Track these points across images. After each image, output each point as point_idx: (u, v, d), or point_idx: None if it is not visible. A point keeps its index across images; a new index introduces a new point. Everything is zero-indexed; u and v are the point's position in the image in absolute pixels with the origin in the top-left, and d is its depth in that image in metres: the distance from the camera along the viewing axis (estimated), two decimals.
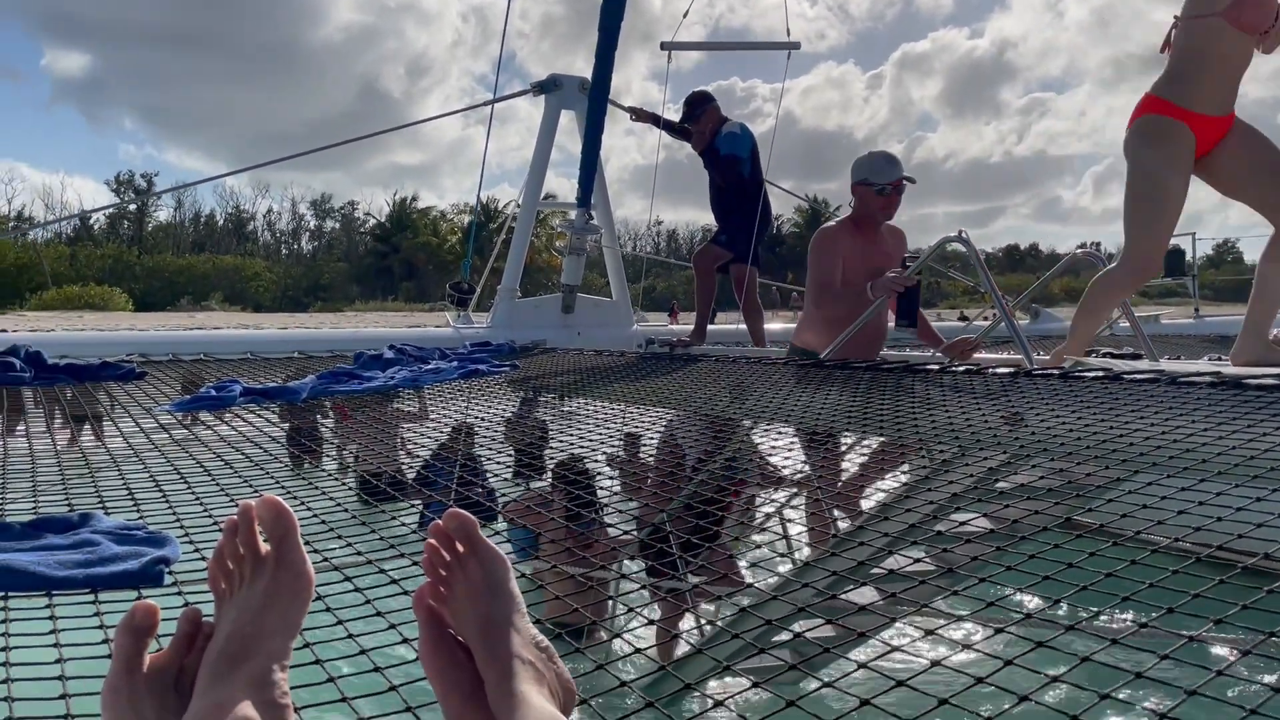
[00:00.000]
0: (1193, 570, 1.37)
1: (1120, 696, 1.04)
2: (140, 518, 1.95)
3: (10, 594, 1.46)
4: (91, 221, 61.47)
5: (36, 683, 1.16)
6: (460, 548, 1.01)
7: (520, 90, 8.00)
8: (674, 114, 7.07)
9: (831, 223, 4.80)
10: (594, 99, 6.72)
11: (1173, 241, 11.72)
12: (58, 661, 1.22)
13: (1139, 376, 3.02)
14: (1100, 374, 3.19)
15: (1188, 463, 1.90)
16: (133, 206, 62.39)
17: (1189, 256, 11.23)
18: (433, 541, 1.01)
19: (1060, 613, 1.30)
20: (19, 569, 1.49)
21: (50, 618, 1.38)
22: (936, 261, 5.66)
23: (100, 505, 2.05)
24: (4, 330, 7.44)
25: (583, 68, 7.46)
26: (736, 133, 6.39)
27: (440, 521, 1.02)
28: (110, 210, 65.68)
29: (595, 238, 7.23)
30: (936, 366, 3.87)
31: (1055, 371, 3.43)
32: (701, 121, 6.51)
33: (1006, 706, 1.04)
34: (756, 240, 6.37)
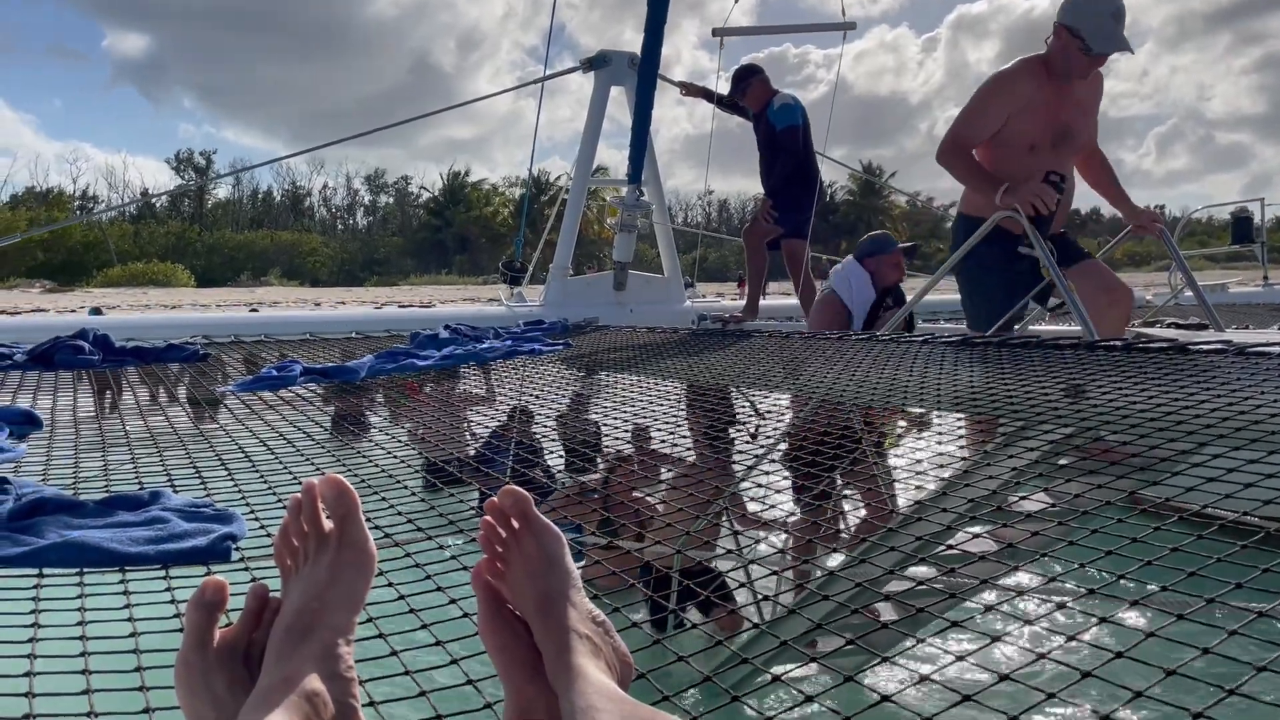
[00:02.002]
0: (1262, 545, 1.33)
1: (1187, 673, 1.02)
2: (207, 495, 2.00)
3: (85, 570, 1.50)
4: (154, 200, 62.78)
5: (112, 656, 1.20)
6: (516, 524, 1.02)
7: (570, 67, 8.01)
8: (723, 86, 7.02)
9: (1014, 62, 4.07)
10: (643, 75, 6.69)
11: (1240, 205, 11.40)
12: (132, 635, 1.25)
13: (1205, 347, 2.94)
14: (1165, 345, 3.12)
15: (1256, 435, 1.85)
16: (193, 186, 63.61)
17: (1257, 221, 10.90)
18: (489, 518, 1.03)
19: (1124, 589, 1.27)
20: (93, 545, 1.54)
21: (124, 593, 1.42)
22: None
23: (169, 483, 2.10)
24: (73, 310, 7.65)
25: (632, 38, 7.42)
26: (790, 104, 6.32)
27: (496, 498, 1.03)
28: (175, 192, 66.99)
29: (646, 214, 7.22)
30: (995, 340, 3.81)
31: (1118, 343, 3.36)
32: (749, 95, 6.45)
33: (1069, 682, 1.03)
34: (807, 213, 6.32)
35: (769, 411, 3.16)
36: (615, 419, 3.17)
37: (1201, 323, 4.76)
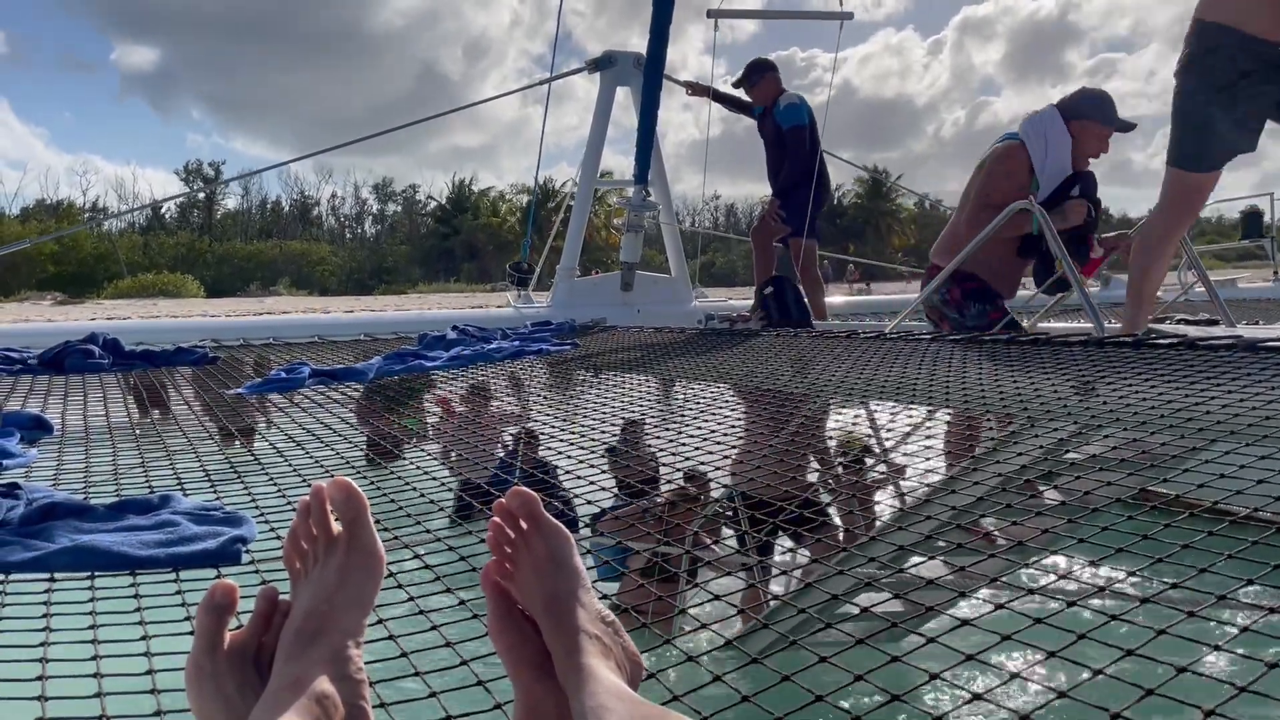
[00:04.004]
0: (1273, 540, 1.33)
1: (1198, 670, 1.02)
2: (217, 498, 2.01)
3: (96, 574, 1.51)
4: (163, 211, 62.95)
5: (124, 659, 1.20)
6: (524, 525, 1.02)
7: (575, 68, 8.01)
8: (726, 85, 7.02)
9: None
10: (649, 74, 6.68)
11: (1250, 201, 11.34)
12: (143, 639, 1.26)
13: (1215, 343, 2.93)
14: (1174, 341, 3.11)
15: (1266, 430, 1.84)
16: (202, 195, 63.73)
17: (1267, 217, 10.85)
18: (497, 519, 1.03)
19: (1134, 586, 1.27)
20: (104, 549, 1.55)
21: (135, 596, 1.43)
22: None
23: (179, 486, 2.11)
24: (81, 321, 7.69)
25: (638, 43, 7.42)
26: (796, 103, 6.32)
27: (504, 499, 1.03)
28: (180, 199, 67.03)
29: (653, 214, 7.21)
30: (1005, 336, 3.80)
31: (1127, 339, 3.35)
32: (758, 88, 6.45)
33: (1080, 680, 1.03)
34: (814, 212, 6.31)
35: (776, 410, 3.15)
36: (623, 418, 3.17)
37: (1212, 318, 4.74)
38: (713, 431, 2.65)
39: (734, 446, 2.74)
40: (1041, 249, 4.21)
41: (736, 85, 6.68)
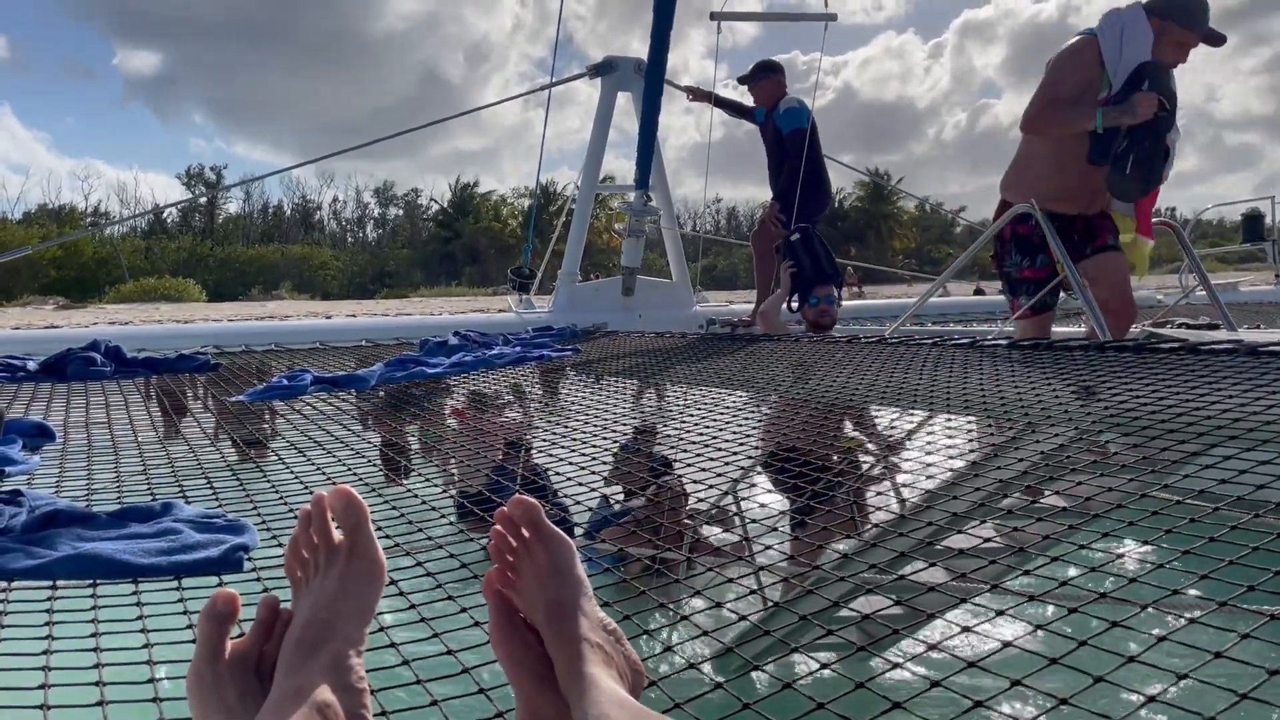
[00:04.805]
0: (1274, 546, 1.33)
1: (1199, 676, 1.02)
2: (219, 506, 2.01)
3: (98, 582, 1.51)
4: (165, 215, 62.99)
5: (126, 667, 1.20)
6: (526, 533, 1.02)
7: (577, 74, 8.03)
8: (726, 89, 7.03)
9: None
10: (650, 79, 6.69)
11: (1251, 205, 11.35)
12: (145, 647, 1.26)
13: (1216, 347, 2.93)
14: (1176, 345, 3.10)
15: (1268, 435, 1.84)
16: (204, 200, 63.71)
17: (1269, 220, 10.85)
18: (499, 528, 1.03)
19: (1135, 591, 1.27)
20: (106, 557, 1.55)
21: (137, 604, 1.43)
22: None
23: (180, 494, 2.11)
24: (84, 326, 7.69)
25: (640, 48, 7.44)
26: (796, 107, 6.33)
27: (506, 507, 1.03)
28: (183, 204, 66.95)
29: (654, 219, 7.23)
30: (1005, 341, 3.80)
31: (1129, 344, 3.34)
32: (760, 88, 6.46)
33: (1081, 687, 1.03)
34: (814, 216, 6.31)
35: (777, 415, 3.15)
36: (625, 423, 3.17)
37: (1212, 322, 4.73)
38: (714, 436, 2.65)
39: (735, 451, 2.74)
40: (1116, 151, 3.82)
41: (741, 81, 6.69)
